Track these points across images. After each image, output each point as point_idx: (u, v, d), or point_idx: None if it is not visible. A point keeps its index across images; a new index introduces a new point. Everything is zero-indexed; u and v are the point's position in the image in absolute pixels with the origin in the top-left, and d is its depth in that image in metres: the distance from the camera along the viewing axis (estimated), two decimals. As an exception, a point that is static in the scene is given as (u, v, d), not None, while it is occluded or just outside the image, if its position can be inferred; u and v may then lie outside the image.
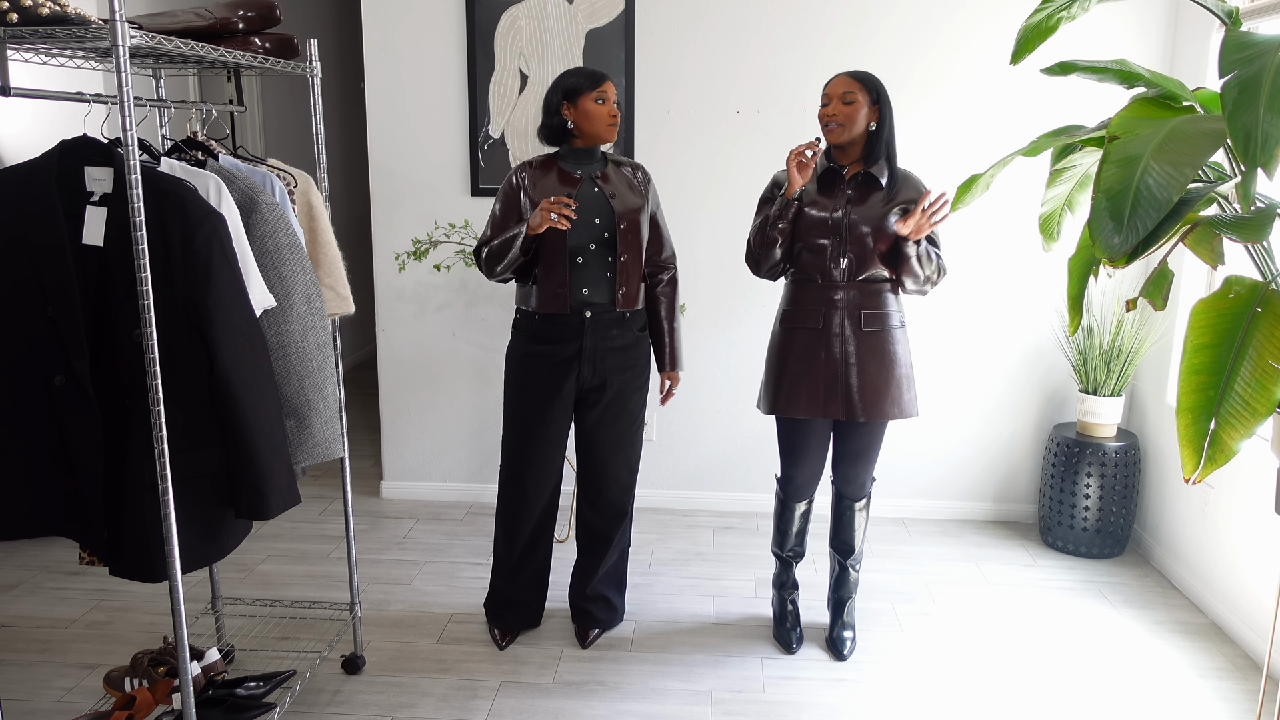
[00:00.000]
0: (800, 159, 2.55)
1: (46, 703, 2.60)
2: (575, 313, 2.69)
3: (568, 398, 2.77)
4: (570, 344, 2.72)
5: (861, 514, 2.90)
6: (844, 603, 2.96)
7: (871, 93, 2.58)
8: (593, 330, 2.72)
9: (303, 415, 2.23)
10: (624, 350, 2.78)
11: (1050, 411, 3.89)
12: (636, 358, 2.82)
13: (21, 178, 1.86)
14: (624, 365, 2.79)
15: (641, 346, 2.83)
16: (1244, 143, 1.47)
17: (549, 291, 2.68)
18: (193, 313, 1.88)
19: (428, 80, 3.82)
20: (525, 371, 2.77)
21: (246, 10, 2.21)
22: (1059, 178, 2.24)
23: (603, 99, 2.64)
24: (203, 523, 1.96)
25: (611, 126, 2.68)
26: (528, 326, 2.76)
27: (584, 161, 2.72)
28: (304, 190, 2.45)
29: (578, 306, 2.69)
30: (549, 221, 2.48)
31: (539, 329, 2.74)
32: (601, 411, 2.81)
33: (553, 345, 2.73)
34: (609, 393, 2.79)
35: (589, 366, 2.75)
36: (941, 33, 3.64)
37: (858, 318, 2.66)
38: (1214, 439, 1.60)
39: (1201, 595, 3.22)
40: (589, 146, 2.71)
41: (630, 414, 2.86)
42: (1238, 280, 1.65)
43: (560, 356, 2.73)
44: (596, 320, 2.71)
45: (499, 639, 2.93)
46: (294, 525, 3.87)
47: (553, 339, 2.73)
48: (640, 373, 2.84)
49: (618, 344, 2.76)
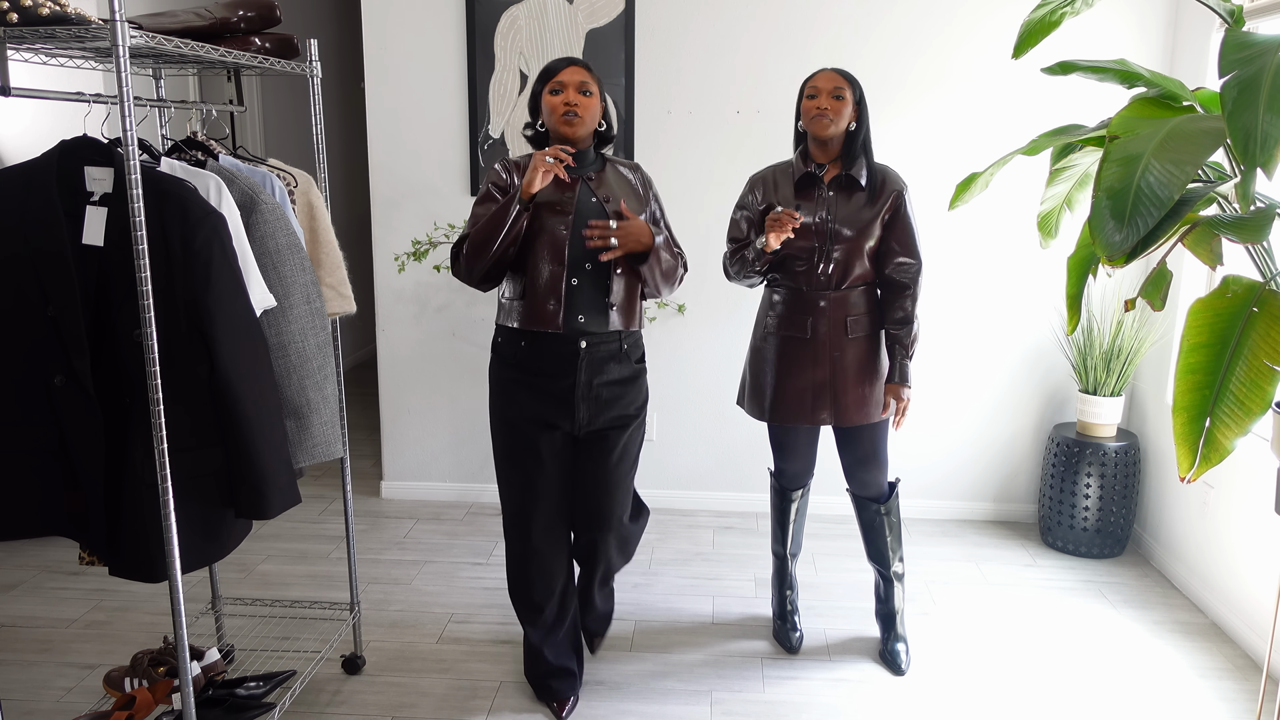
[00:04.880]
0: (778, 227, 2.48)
1: (46, 703, 2.61)
2: (569, 339, 2.34)
3: (566, 431, 2.43)
4: (561, 379, 2.36)
5: (887, 519, 2.81)
6: (893, 616, 2.90)
7: (855, 91, 2.59)
8: (589, 364, 2.36)
9: (303, 415, 2.23)
10: (623, 386, 2.44)
11: (1050, 411, 3.89)
12: (637, 395, 2.49)
13: (22, 178, 1.87)
14: (624, 410, 2.45)
15: (641, 381, 2.51)
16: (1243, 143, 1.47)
17: (539, 306, 2.31)
18: (193, 313, 1.88)
19: (428, 80, 3.82)
20: (511, 400, 2.40)
21: (246, 10, 2.21)
22: (1059, 177, 2.24)
23: (558, 89, 2.31)
24: (203, 522, 1.96)
25: (567, 120, 2.30)
26: (511, 352, 2.39)
27: (578, 166, 2.40)
28: (304, 190, 2.45)
29: (572, 334, 2.33)
30: (548, 167, 2.16)
31: (525, 356, 2.37)
32: (598, 458, 2.49)
33: (540, 377, 2.37)
34: (606, 444, 2.48)
35: (585, 409, 2.40)
36: (942, 31, 3.64)
37: (843, 324, 2.65)
38: (1209, 438, 1.60)
39: (1201, 595, 3.22)
40: (579, 146, 2.38)
41: (629, 458, 2.55)
42: (1235, 280, 1.65)
43: (550, 390, 2.37)
44: (593, 352, 2.37)
45: (559, 712, 2.56)
46: (294, 525, 3.87)
47: (540, 370, 2.36)
48: (640, 411, 2.52)
49: (615, 378, 2.42)
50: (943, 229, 3.73)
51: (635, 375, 2.49)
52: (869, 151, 2.64)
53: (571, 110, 2.30)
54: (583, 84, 2.32)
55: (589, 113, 2.34)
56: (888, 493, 2.82)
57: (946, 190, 3.68)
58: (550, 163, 2.16)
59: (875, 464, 2.77)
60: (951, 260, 3.77)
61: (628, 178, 2.48)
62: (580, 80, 2.32)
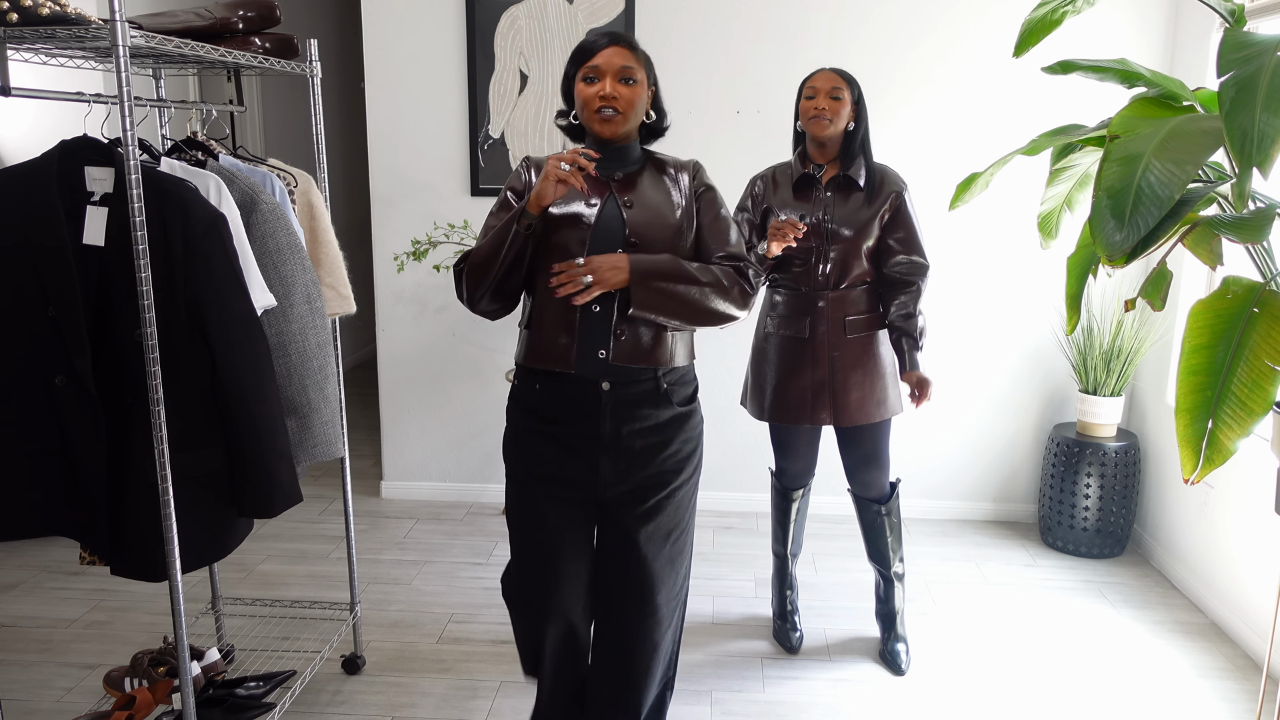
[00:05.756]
0: (780, 235, 2.48)
1: (46, 703, 2.61)
2: (587, 380, 1.89)
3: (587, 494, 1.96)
4: (581, 427, 1.91)
5: (888, 519, 2.82)
6: (893, 617, 2.90)
7: (854, 91, 2.60)
8: (614, 409, 1.89)
9: (303, 415, 2.24)
10: (662, 433, 1.94)
11: (1050, 411, 3.89)
12: (683, 445, 1.98)
13: (22, 178, 1.87)
14: (662, 465, 1.95)
15: (689, 428, 1.99)
16: (1240, 142, 1.47)
17: (549, 340, 1.88)
18: (194, 312, 1.88)
19: (428, 80, 3.82)
20: (521, 454, 1.97)
21: (246, 10, 2.21)
22: (1059, 177, 2.24)
23: (593, 75, 1.88)
24: (204, 522, 1.96)
25: (603, 117, 1.88)
26: (525, 396, 1.96)
27: (612, 163, 1.96)
28: (305, 190, 2.45)
29: (591, 373, 1.88)
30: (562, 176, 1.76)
31: (539, 400, 1.93)
32: (631, 526, 1.97)
33: (557, 425, 1.92)
34: (639, 507, 1.96)
35: (609, 464, 1.92)
36: (941, 31, 3.64)
37: (842, 323, 2.65)
38: (1211, 439, 1.60)
39: (1201, 595, 3.22)
40: (617, 144, 1.95)
41: (672, 531, 2.00)
42: (1235, 281, 1.65)
43: (569, 443, 1.93)
44: (619, 395, 1.90)
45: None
46: (294, 525, 3.87)
47: (557, 417, 1.92)
48: (686, 467, 2.00)
49: (650, 424, 1.92)
50: (943, 229, 3.73)
51: (680, 420, 1.97)
52: (868, 151, 2.64)
53: (609, 105, 1.87)
54: (624, 70, 1.87)
55: (632, 107, 1.89)
56: (889, 493, 2.82)
57: (946, 190, 3.68)
58: (565, 170, 1.76)
59: (877, 464, 2.77)
60: (952, 260, 3.77)
61: (668, 183, 2.00)
62: (621, 66, 1.87)
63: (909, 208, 2.64)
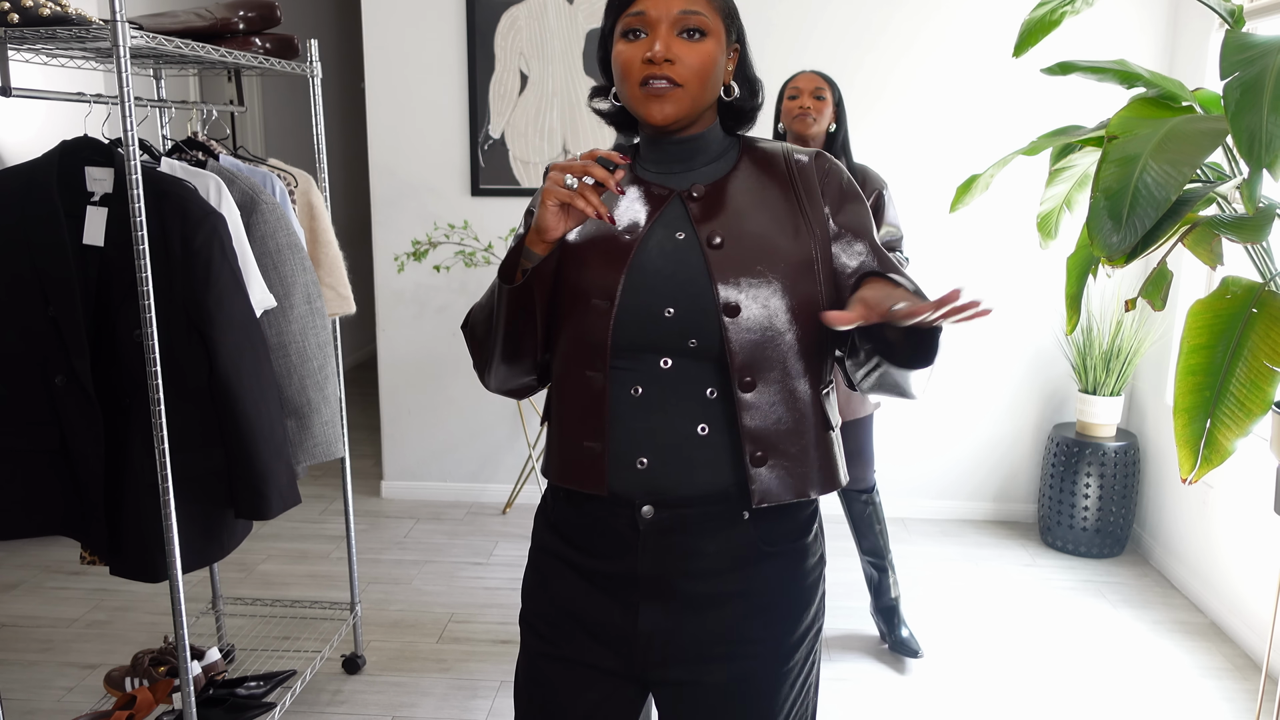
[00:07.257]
0: None
1: (47, 702, 2.61)
2: (621, 504, 1.22)
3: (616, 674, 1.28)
4: (616, 564, 1.24)
5: (875, 508, 2.89)
6: (893, 607, 2.93)
7: (835, 92, 2.67)
8: (657, 544, 1.21)
9: (303, 415, 2.24)
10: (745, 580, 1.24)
11: (1050, 411, 3.89)
12: (779, 603, 1.25)
13: (23, 178, 1.87)
14: (746, 632, 1.24)
15: (799, 576, 1.27)
16: (1248, 144, 1.47)
17: (570, 445, 1.24)
18: (193, 313, 1.88)
19: (428, 80, 3.82)
20: (538, 585, 1.35)
21: (247, 10, 2.21)
22: (1058, 177, 2.25)
23: (637, 29, 1.17)
24: (203, 522, 1.96)
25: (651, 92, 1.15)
26: (550, 510, 1.33)
27: (673, 162, 1.25)
28: (305, 190, 2.46)
29: (626, 490, 1.21)
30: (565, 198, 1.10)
31: (564, 518, 1.29)
32: (692, 711, 1.26)
33: (591, 557, 1.26)
34: (702, 703, 1.26)
35: (651, 625, 1.23)
36: (940, 31, 3.64)
37: None
38: (1210, 439, 1.60)
39: (1201, 595, 3.22)
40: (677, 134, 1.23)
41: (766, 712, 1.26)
42: (1235, 281, 1.66)
43: (602, 583, 1.26)
44: (665, 522, 1.21)
45: None
46: (294, 525, 3.87)
47: (590, 547, 1.26)
48: (792, 634, 1.26)
49: (724, 566, 1.23)
50: (942, 229, 3.73)
51: (783, 562, 1.26)
52: (848, 152, 2.71)
53: (657, 74, 1.15)
54: (685, 19, 1.16)
55: (699, 76, 1.17)
56: (873, 483, 2.90)
57: (946, 191, 3.68)
58: (569, 189, 1.10)
59: (860, 460, 2.83)
60: (951, 261, 3.77)
61: (774, 182, 1.26)
62: (681, 12, 1.15)
63: (889, 207, 2.68)
